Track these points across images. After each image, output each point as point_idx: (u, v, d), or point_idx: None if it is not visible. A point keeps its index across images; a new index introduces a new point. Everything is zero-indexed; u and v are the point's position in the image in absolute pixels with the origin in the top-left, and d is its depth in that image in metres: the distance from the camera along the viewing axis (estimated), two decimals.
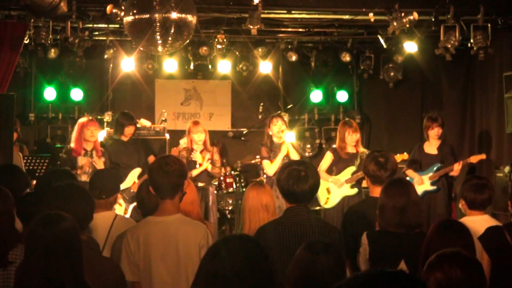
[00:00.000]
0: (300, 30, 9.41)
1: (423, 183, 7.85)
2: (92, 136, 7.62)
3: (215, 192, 8.93)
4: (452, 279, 2.49)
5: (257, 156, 8.60)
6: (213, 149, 8.14)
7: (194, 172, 7.93)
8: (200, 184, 7.89)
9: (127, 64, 9.74)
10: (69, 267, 2.87)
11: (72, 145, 7.64)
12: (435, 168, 7.87)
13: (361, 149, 7.82)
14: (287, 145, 7.89)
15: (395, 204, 3.98)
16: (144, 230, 3.86)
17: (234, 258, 2.49)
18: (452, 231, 3.43)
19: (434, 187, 7.84)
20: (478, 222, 4.49)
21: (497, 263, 4.12)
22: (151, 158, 8.43)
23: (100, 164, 7.64)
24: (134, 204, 7.22)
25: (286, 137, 7.92)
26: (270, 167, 7.92)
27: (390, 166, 4.65)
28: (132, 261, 3.78)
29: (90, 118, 7.96)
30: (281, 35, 9.71)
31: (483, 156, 7.91)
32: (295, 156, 7.82)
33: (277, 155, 7.89)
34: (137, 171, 8.06)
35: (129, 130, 8.28)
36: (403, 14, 7.61)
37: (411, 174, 8.00)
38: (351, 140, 7.72)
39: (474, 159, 7.87)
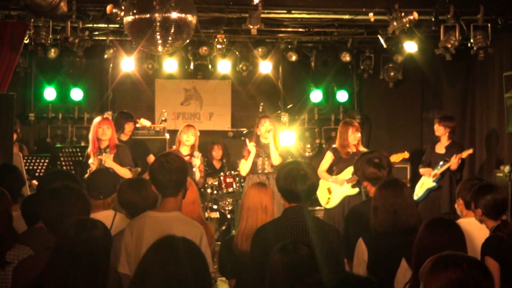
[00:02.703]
0: (300, 30, 9.40)
1: (429, 177, 7.99)
2: (103, 135, 7.51)
3: (215, 192, 8.93)
4: (470, 278, 2.44)
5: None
6: (199, 156, 7.96)
7: None
8: None
9: (127, 64, 9.74)
10: (90, 275, 2.86)
11: (89, 149, 7.58)
12: (439, 166, 7.97)
13: (362, 148, 7.84)
14: (271, 147, 7.87)
15: (387, 206, 3.97)
16: (140, 222, 3.87)
17: (166, 261, 2.49)
18: (443, 228, 3.41)
19: (435, 184, 7.97)
20: (473, 224, 4.46)
21: (506, 266, 4.06)
22: (150, 158, 8.45)
23: (109, 162, 7.49)
24: None
25: (270, 138, 7.89)
26: (243, 166, 7.94)
27: (387, 163, 4.66)
28: (127, 252, 3.79)
29: (104, 116, 7.92)
30: (281, 35, 9.70)
31: (471, 151, 7.99)
32: (275, 159, 7.79)
33: (261, 155, 7.89)
34: (136, 170, 8.05)
35: (129, 127, 8.32)
36: (403, 14, 7.61)
37: (422, 172, 8.25)
38: (354, 139, 7.73)
39: (464, 154, 7.94)
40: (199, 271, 2.53)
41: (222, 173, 9.26)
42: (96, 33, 9.17)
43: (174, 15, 5.77)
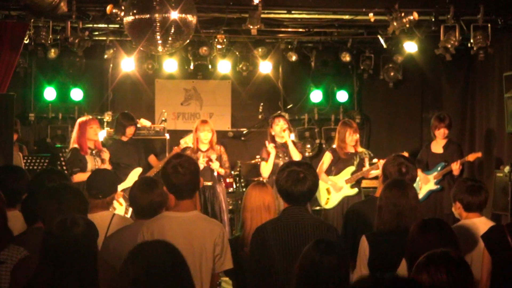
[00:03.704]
0: (300, 30, 9.40)
1: (429, 182, 7.94)
2: (95, 135, 7.63)
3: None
4: (436, 282, 2.50)
5: (257, 156, 8.61)
6: (220, 148, 8.16)
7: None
8: (206, 183, 7.94)
9: (127, 64, 9.74)
10: (78, 274, 2.85)
11: (76, 145, 7.60)
12: (439, 168, 7.95)
13: (360, 149, 7.85)
14: (289, 145, 7.91)
15: (391, 206, 3.97)
16: (160, 224, 3.88)
17: (152, 264, 2.47)
18: (434, 229, 3.43)
19: (438, 186, 7.94)
20: (479, 224, 4.51)
21: (498, 261, 4.13)
22: (152, 157, 8.47)
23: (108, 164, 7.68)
24: None
25: (287, 136, 7.94)
26: (265, 168, 7.95)
27: (409, 178, 4.50)
28: None
29: (91, 117, 7.97)
30: (281, 35, 9.70)
31: (479, 154, 7.99)
32: (296, 156, 7.84)
33: (280, 155, 7.90)
34: (138, 170, 8.07)
35: (130, 130, 8.34)
36: (403, 14, 7.60)
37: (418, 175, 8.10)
38: (352, 140, 7.74)
39: (471, 157, 7.94)
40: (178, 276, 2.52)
41: None
42: (96, 33, 9.17)
43: (174, 15, 5.78)
